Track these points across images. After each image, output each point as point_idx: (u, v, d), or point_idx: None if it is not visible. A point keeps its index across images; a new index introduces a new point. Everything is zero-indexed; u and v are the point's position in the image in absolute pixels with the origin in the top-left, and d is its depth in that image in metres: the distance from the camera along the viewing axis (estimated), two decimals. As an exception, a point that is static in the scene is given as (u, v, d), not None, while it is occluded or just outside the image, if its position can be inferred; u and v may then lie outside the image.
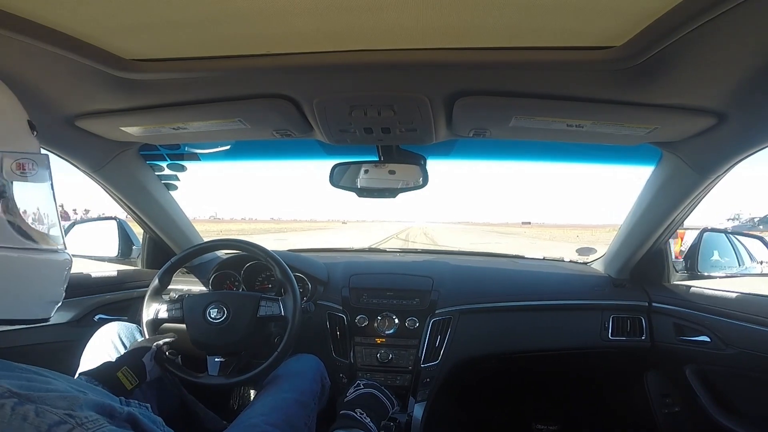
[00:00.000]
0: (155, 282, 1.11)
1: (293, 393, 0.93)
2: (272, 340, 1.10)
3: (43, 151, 0.55)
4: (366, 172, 1.17)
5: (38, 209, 0.52)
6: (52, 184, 0.55)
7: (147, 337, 1.04)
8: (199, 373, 1.03)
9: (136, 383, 0.84)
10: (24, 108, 0.55)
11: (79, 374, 0.82)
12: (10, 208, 0.49)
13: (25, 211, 0.51)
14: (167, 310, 1.07)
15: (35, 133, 0.54)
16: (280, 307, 1.06)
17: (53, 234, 0.54)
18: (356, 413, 0.89)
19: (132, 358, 0.89)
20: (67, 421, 0.39)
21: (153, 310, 1.08)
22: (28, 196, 0.51)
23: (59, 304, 0.56)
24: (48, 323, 1.15)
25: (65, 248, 0.57)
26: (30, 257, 0.51)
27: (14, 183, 0.49)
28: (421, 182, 1.16)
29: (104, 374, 0.81)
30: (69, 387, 0.45)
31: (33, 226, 0.51)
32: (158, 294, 1.11)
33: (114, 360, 0.90)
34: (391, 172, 1.16)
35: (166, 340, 1.00)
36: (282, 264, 1.10)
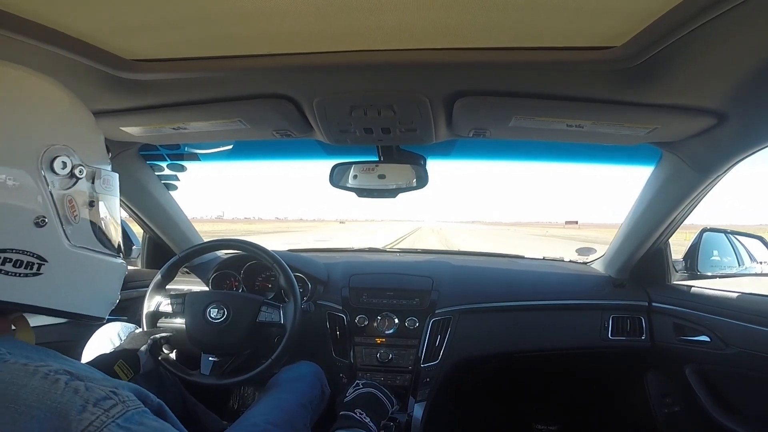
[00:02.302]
0: (159, 276, 1.12)
1: (294, 395, 0.93)
2: (271, 340, 1.10)
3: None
4: (366, 172, 1.17)
5: (110, 219, 0.59)
6: (120, 200, 0.63)
7: (145, 329, 1.05)
8: (192, 371, 1.03)
9: (132, 375, 0.85)
10: None
11: None
12: (96, 217, 0.56)
13: (102, 221, 0.57)
14: (169, 304, 1.08)
15: (110, 154, 0.60)
16: (280, 314, 1.06)
17: (118, 241, 0.61)
18: (356, 413, 0.89)
19: (128, 350, 0.90)
20: (112, 397, 0.43)
21: (155, 302, 1.09)
22: (105, 208, 0.58)
23: (114, 307, 0.61)
24: (48, 323, 1.16)
25: (122, 255, 0.63)
26: (103, 260, 0.57)
27: (100, 195, 0.56)
28: (421, 182, 1.16)
29: (100, 366, 0.81)
30: (106, 376, 0.49)
31: (107, 233, 0.58)
32: (162, 287, 1.12)
33: (110, 352, 0.90)
34: (391, 173, 1.16)
35: (163, 334, 1.00)
36: (287, 270, 1.11)
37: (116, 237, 0.61)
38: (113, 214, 0.60)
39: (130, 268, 1.49)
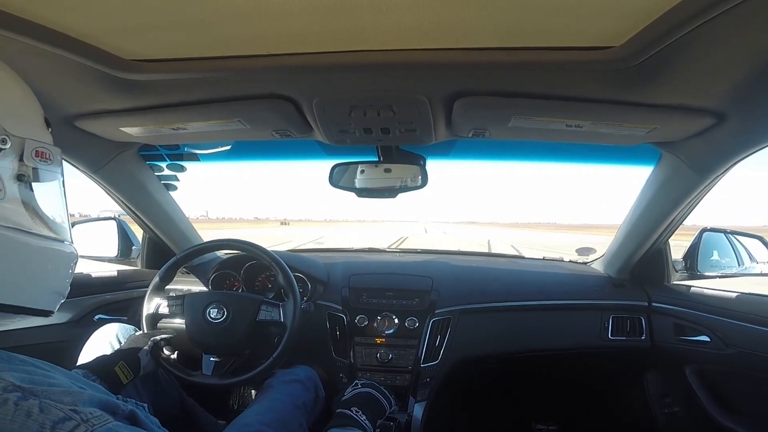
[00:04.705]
0: (157, 278, 1.11)
1: (288, 396, 0.93)
2: (272, 340, 1.10)
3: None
4: (365, 172, 1.17)
5: (51, 199, 0.53)
6: (63, 179, 0.57)
7: (145, 331, 1.05)
8: (193, 372, 1.03)
9: (132, 377, 0.85)
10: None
11: (76, 367, 0.82)
12: (28, 194, 0.50)
13: (39, 200, 0.51)
14: (168, 306, 1.08)
15: (50, 129, 0.56)
16: (280, 313, 1.06)
17: (63, 226, 0.55)
18: (352, 411, 0.89)
19: (128, 352, 0.90)
20: (73, 417, 0.38)
21: (154, 304, 1.09)
22: (42, 186, 0.52)
23: (64, 299, 0.56)
24: (47, 323, 1.16)
25: (72, 243, 0.57)
26: (42, 244, 0.51)
27: (33, 170, 0.50)
28: (420, 182, 1.16)
29: (101, 368, 0.81)
30: (69, 382, 0.44)
31: (46, 214, 0.52)
32: (160, 289, 1.12)
33: (111, 354, 0.90)
34: (391, 172, 1.16)
35: (164, 336, 1.00)
36: (286, 269, 1.11)
37: (60, 220, 0.55)
38: (53, 194, 0.54)
39: (130, 268, 1.49)
